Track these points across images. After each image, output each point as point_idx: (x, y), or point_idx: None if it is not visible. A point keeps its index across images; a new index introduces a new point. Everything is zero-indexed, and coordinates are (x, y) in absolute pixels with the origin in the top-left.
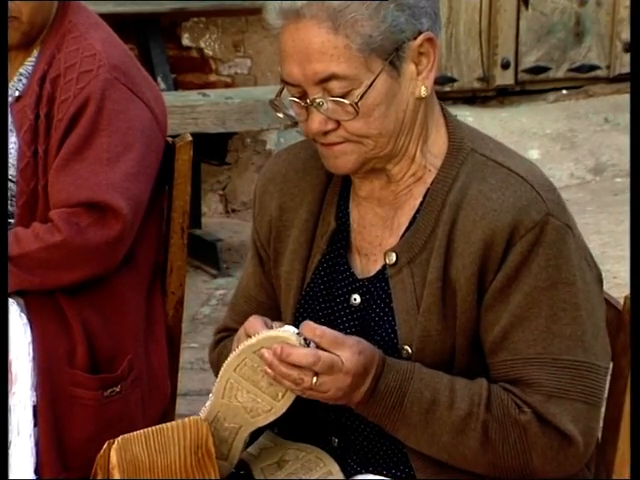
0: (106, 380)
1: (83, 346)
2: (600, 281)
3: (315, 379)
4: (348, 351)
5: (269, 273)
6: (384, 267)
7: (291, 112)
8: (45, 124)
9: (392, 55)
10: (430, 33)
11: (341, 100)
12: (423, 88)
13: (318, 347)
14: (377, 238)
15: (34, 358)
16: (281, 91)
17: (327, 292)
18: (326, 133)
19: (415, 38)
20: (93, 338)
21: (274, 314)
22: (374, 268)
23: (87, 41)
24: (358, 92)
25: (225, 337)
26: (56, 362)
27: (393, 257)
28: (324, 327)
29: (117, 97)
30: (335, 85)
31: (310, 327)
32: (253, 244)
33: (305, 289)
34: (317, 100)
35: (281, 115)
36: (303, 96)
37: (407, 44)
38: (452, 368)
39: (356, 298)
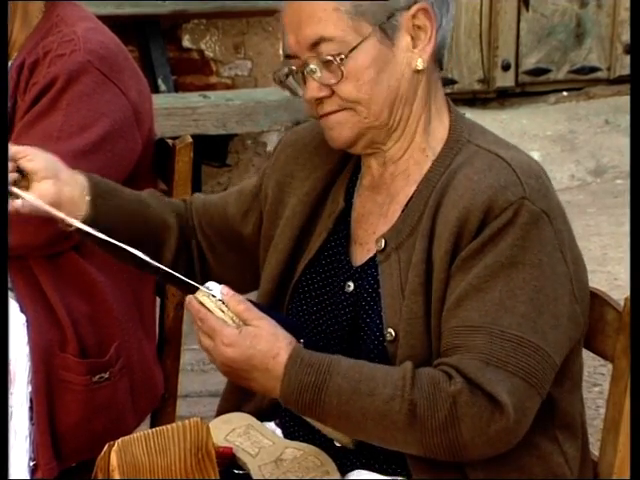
0: (94, 365)
1: (71, 331)
2: (573, 281)
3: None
4: (217, 340)
5: (253, 210)
6: (376, 254)
7: (294, 86)
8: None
9: (383, 22)
10: (424, 3)
11: (329, 58)
12: (419, 60)
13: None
14: (372, 226)
15: (28, 342)
16: (288, 71)
17: (326, 279)
18: (322, 102)
19: (409, 8)
20: (78, 324)
21: (219, 221)
22: (367, 256)
23: (70, 29)
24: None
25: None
26: (49, 346)
27: (382, 243)
28: (207, 312)
29: (86, 80)
30: (325, 48)
31: (195, 309)
32: (257, 183)
33: (306, 267)
34: (310, 66)
35: (282, 87)
36: (302, 65)
37: (400, 14)
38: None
39: (350, 285)
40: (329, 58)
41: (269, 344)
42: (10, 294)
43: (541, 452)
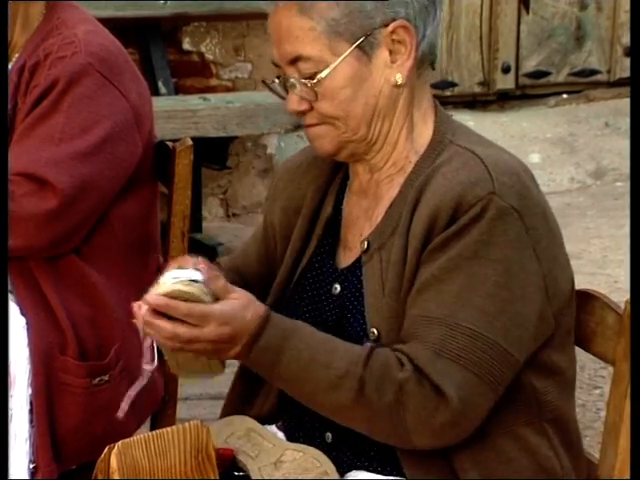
0: (94, 368)
1: (71, 333)
2: (546, 280)
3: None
4: (213, 324)
5: (270, 248)
6: (360, 256)
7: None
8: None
9: (361, 40)
10: (404, 21)
11: (303, 81)
12: (398, 75)
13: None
14: (359, 230)
15: (28, 345)
16: (278, 77)
17: (316, 283)
18: (304, 114)
19: (387, 25)
20: (78, 327)
21: (258, 280)
22: (352, 258)
23: (71, 31)
24: (321, 74)
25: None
26: (49, 349)
27: (365, 245)
28: (190, 305)
29: (87, 82)
30: (302, 66)
31: (175, 306)
32: (264, 221)
33: (299, 276)
34: (290, 80)
35: (274, 93)
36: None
37: (378, 30)
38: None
39: (337, 287)
40: (304, 81)
41: (251, 310)
42: (10, 297)
43: (529, 445)
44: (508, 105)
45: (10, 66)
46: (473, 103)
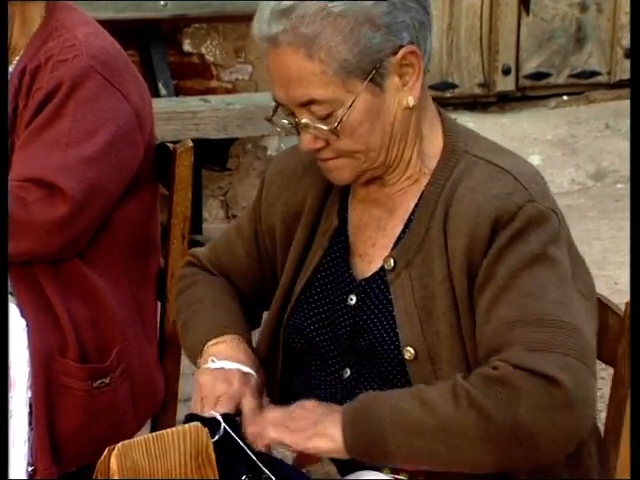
0: (95, 370)
1: (72, 336)
2: (573, 278)
3: None
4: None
5: (263, 251)
6: (382, 269)
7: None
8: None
9: (372, 74)
10: (412, 46)
11: (323, 127)
12: (410, 98)
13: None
14: (371, 239)
15: (29, 347)
16: (275, 110)
17: (325, 291)
18: (319, 149)
19: (395, 53)
20: (79, 329)
21: (245, 282)
22: (369, 269)
23: (71, 34)
24: (338, 114)
25: (191, 281)
26: (49, 351)
27: (391, 262)
28: None
29: (90, 85)
30: (316, 108)
31: None
32: (254, 223)
33: (305, 285)
34: (303, 121)
35: (279, 129)
36: (294, 114)
37: (387, 61)
38: (468, 368)
39: (352, 298)
40: (323, 127)
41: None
42: (11, 298)
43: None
44: (508, 107)
45: (11, 69)
46: (473, 105)
